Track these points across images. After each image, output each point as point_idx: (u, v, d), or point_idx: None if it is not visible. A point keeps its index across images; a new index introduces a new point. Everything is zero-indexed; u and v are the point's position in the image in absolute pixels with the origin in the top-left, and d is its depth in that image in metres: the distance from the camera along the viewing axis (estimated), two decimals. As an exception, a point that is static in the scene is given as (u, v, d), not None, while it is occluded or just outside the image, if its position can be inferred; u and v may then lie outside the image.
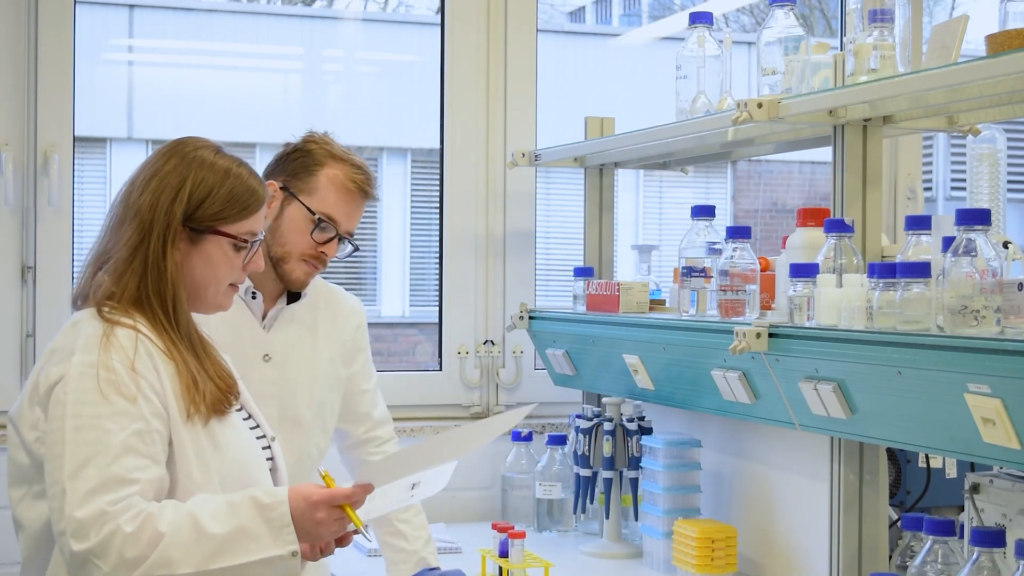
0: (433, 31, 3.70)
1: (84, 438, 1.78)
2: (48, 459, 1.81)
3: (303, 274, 2.50)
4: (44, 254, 3.20)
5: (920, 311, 1.99)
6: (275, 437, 2.09)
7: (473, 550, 2.79)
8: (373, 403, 2.72)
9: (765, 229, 7.82)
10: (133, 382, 1.82)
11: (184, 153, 1.94)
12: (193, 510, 1.79)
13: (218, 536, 1.77)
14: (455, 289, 3.59)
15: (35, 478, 1.88)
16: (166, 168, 1.93)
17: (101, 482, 1.75)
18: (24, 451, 1.89)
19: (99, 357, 1.82)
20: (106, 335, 1.84)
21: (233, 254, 1.96)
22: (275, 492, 1.85)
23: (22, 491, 1.90)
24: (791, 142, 2.84)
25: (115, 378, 1.81)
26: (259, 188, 1.98)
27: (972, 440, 1.90)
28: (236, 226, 1.95)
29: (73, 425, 1.78)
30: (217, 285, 1.97)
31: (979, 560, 1.93)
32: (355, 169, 2.51)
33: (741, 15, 8.20)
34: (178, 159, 1.93)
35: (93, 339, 1.84)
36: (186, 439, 1.86)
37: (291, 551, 1.81)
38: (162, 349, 1.88)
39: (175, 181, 1.91)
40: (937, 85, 2.02)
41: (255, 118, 5.04)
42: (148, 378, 1.84)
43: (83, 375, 1.81)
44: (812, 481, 2.55)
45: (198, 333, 1.98)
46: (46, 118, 3.22)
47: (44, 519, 1.87)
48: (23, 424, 1.89)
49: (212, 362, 1.96)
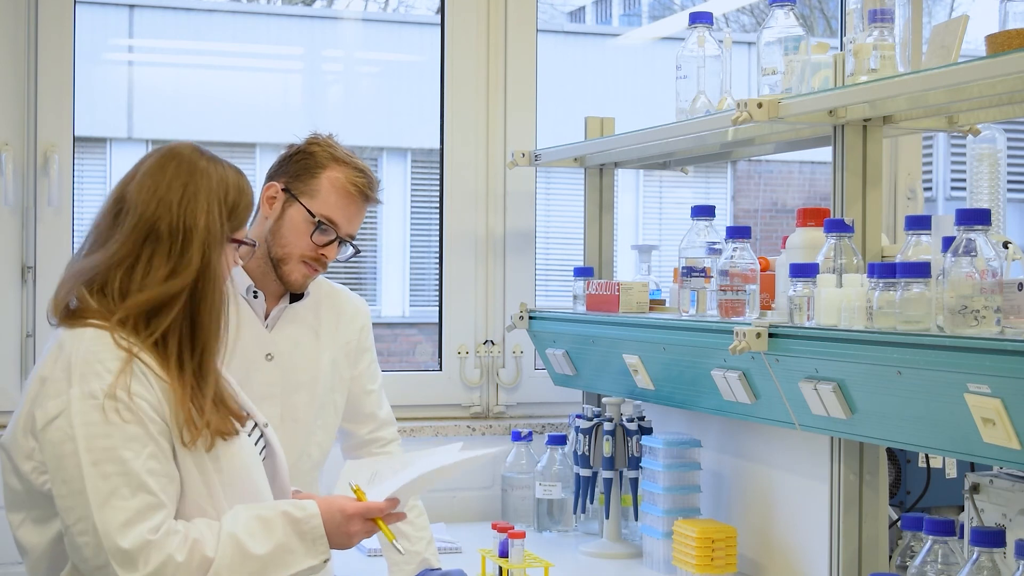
0: (433, 31, 3.70)
1: (104, 471, 1.77)
2: (64, 495, 1.79)
3: (302, 276, 2.50)
4: (44, 254, 3.20)
5: (920, 311, 1.99)
6: (267, 423, 2.09)
7: (473, 550, 2.79)
8: (378, 403, 2.72)
9: (765, 229, 7.82)
10: (136, 406, 1.80)
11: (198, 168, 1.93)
12: (233, 531, 1.84)
13: (261, 556, 1.84)
14: (455, 289, 3.59)
15: (32, 504, 1.87)
16: (195, 185, 1.90)
17: (136, 511, 1.77)
18: (17, 477, 1.87)
19: (99, 386, 1.79)
20: (100, 361, 1.81)
21: (235, 257, 2.00)
22: (305, 506, 1.91)
23: (20, 516, 1.89)
24: (791, 142, 2.84)
25: (119, 405, 1.79)
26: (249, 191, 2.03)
27: (972, 440, 1.90)
28: (242, 231, 1.99)
29: (90, 460, 1.77)
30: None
31: (979, 560, 1.93)
32: (357, 172, 2.51)
33: (741, 15, 8.20)
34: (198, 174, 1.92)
35: (88, 367, 1.80)
36: (187, 456, 1.86)
37: (323, 559, 1.91)
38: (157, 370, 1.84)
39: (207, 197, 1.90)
40: (937, 85, 2.02)
41: (255, 118, 5.05)
42: (147, 399, 1.82)
43: (86, 407, 1.78)
44: (812, 481, 2.55)
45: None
46: (46, 118, 3.22)
47: (47, 543, 1.87)
48: (17, 453, 1.86)
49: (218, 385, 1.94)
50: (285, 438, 2.50)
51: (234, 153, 5.48)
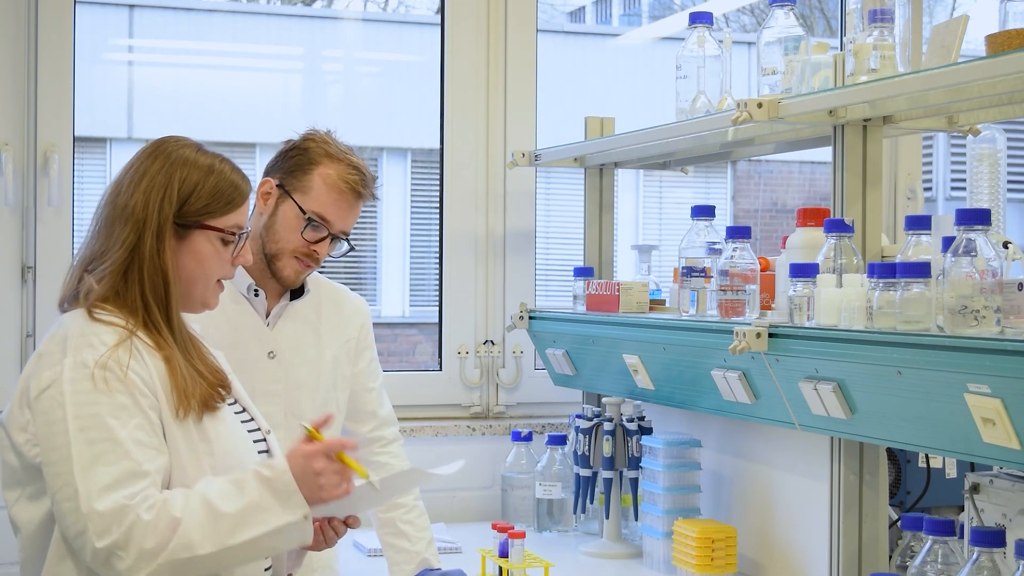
0: (433, 31, 3.70)
1: (89, 437, 1.80)
2: (52, 462, 1.82)
3: (294, 272, 2.51)
4: (44, 254, 3.20)
5: (920, 311, 1.99)
6: (270, 430, 2.10)
7: (473, 550, 2.79)
8: (379, 402, 2.72)
9: (765, 229, 7.82)
10: (127, 379, 1.84)
11: (168, 152, 1.98)
12: (203, 493, 1.83)
13: (231, 514, 1.81)
14: (455, 289, 3.59)
15: (27, 480, 1.89)
16: (153, 168, 1.96)
17: (116, 478, 1.78)
18: (14, 453, 1.90)
19: (91, 357, 1.84)
20: (97, 335, 1.86)
21: (221, 248, 1.99)
22: (273, 464, 1.88)
23: (16, 493, 1.92)
24: (791, 142, 2.84)
25: (109, 375, 1.83)
26: (242, 183, 2.03)
27: (972, 440, 1.90)
28: (222, 220, 1.98)
29: (77, 426, 1.80)
30: (206, 281, 2.00)
31: (979, 560, 1.93)
32: (350, 169, 2.50)
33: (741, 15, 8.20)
34: (163, 159, 1.97)
35: (84, 339, 1.86)
36: (178, 436, 1.89)
37: (302, 515, 1.85)
38: (153, 348, 1.90)
39: (163, 180, 1.95)
40: (937, 85, 2.02)
41: (255, 118, 5.04)
42: (140, 374, 1.86)
43: (77, 376, 1.82)
44: (812, 481, 2.55)
45: (187, 331, 2.00)
46: (46, 118, 3.22)
47: (40, 520, 1.88)
48: (12, 426, 1.90)
49: (201, 359, 1.98)
50: (289, 436, 2.51)
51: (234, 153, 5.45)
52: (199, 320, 2.09)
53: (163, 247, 1.93)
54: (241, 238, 2.01)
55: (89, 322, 1.88)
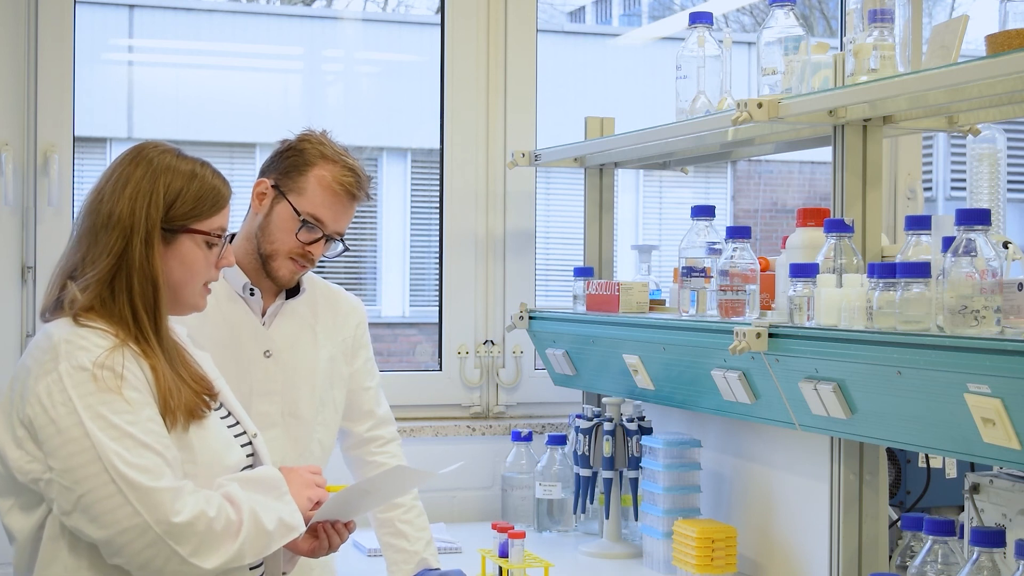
0: (433, 31, 3.71)
1: (111, 435, 1.80)
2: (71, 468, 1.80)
3: (289, 272, 2.51)
4: (44, 254, 3.20)
5: (920, 311, 1.99)
6: (256, 433, 2.11)
7: (473, 550, 2.79)
8: (376, 401, 2.71)
9: (765, 229, 7.82)
10: (124, 379, 1.84)
11: (150, 159, 1.99)
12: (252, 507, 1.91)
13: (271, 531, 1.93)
14: (455, 289, 3.59)
15: (18, 491, 1.88)
16: (136, 174, 1.96)
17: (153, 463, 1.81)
18: (2, 464, 1.89)
19: (88, 358, 1.83)
20: (87, 339, 1.86)
21: (207, 251, 2.00)
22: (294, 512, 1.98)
23: (9, 502, 1.91)
24: (791, 142, 2.85)
25: (110, 374, 1.83)
26: (223, 186, 2.04)
27: (972, 440, 1.90)
28: (207, 223, 2.00)
29: (96, 427, 1.80)
30: (193, 285, 2.01)
31: (979, 560, 1.93)
32: (345, 171, 2.50)
33: (741, 15, 8.20)
34: (145, 165, 1.98)
35: (74, 344, 1.85)
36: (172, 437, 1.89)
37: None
38: (140, 355, 1.90)
39: (147, 186, 1.96)
40: (937, 85, 2.02)
41: (255, 118, 5.04)
42: (136, 375, 1.87)
43: (79, 379, 1.82)
44: (812, 481, 2.55)
45: (172, 339, 2.01)
46: (46, 118, 3.22)
47: (31, 529, 1.88)
48: (4, 440, 1.88)
49: (186, 367, 1.99)
50: (287, 435, 2.52)
51: (234, 153, 5.48)
52: (195, 320, 2.09)
53: (152, 253, 1.93)
54: (225, 240, 2.03)
55: (77, 328, 1.88)
